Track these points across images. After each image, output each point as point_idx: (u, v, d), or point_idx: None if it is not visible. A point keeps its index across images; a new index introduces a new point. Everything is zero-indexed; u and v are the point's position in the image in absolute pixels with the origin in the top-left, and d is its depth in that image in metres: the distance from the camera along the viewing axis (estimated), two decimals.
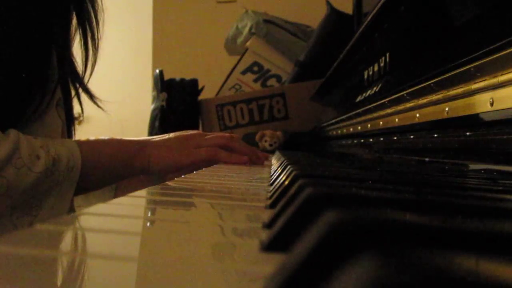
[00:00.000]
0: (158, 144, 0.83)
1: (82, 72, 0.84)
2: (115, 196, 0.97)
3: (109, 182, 0.83)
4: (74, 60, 0.84)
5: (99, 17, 0.85)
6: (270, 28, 2.10)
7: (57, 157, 0.68)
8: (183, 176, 0.63)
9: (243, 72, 2.13)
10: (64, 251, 0.21)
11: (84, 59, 0.84)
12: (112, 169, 0.78)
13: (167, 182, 0.55)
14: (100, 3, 0.85)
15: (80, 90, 0.86)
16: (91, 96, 0.88)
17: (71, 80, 0.83)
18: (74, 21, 0.82)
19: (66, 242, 0.24)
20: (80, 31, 0.82)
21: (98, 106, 0.90)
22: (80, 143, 0.74)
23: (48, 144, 0.68)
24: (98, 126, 2.25)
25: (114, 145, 0.79)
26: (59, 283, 0.17)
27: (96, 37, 0.84)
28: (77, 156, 0.71)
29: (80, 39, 0.82)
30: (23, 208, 0.66)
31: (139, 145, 0.81)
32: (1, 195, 0.63)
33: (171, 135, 0.87)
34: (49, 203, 0.68)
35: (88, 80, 0.86)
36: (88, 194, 0.91)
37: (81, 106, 0.86)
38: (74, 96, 0.85)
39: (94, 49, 0.84)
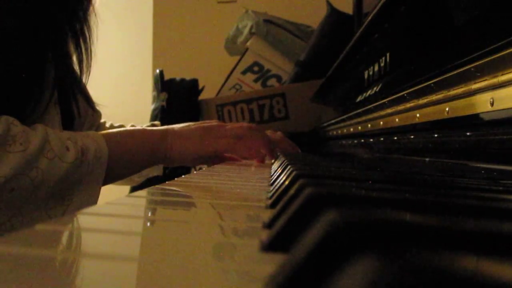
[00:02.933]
0: (179, 134, 0.85)
1: (78, 75, 0.86)
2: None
3: (133, 171, 0.85)
4: (72, 62, 0.85)
5: (90, 21, 0.86)
6: (270, 28, 2.10)
7: (85, 148, 0.71)
8: (183, 176, 0.63)
9: (243, 72, 2.13)
10: (64, 251, 0.21)
11: (78, 62, 0.85)
12: (136, 158, 0.80)
13: (167, 182, 0.55)
14: (92, 8, 0.87)
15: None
16: (87, 100, 0.90)
17: (70, 83, 0.84)
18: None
19: (66, 242, 0.24)
20: (71, 35, 0.83)
21: (93, 109, 0.92)
22: (105, 135, 0.76)
23: (75, 136, 0.71)
24: None
25: (138, 135, 0.82)
26: (59, 283, 0.17)
27: (88, 41, 0.85)
28: (103, 146, 0.74)
29: (72, 43, 0.84)
30: (57, 199, 0.69)
31: (161, 134, 0.83)
32: (37, 186, 0.65)
33: (192, 125, 0.89)
34: (80, 192, 0.71)
35: (86, 82, 0.88)
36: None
37: (78, 108, 0.87)
38: (72, 99, 0.85)
39: (87, 53, 0.85)
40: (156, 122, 1.01)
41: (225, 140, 0.87)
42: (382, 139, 0.77)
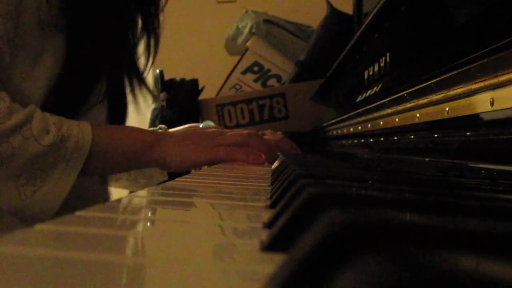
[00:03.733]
0: (175, 140, 0.84)
1: (142, 71, 0.92)
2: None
3: (120, 169, 0.85)
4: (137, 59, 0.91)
5: (160, 20, 0.94)
6: (270, 28, 2.10)
7: (67, 135, 0.72)
8: (183, 176, 0.63)
9: (243, 72, 2.13)
10: (64, 251, 0.21)
11: (145, 61, 0.92)
12: (124, 156, 0.80)
13: (167, 182, 0.55)
14: (161, 6, 0.93)
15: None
16: (148, 89, 0.95)
17: (128, 77, 0.90)
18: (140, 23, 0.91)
19: (66, 242, 0.24)
20: (145, 36, 0.90)
21: (155, 99, 0.99)
22: (95, 127, 0.77)
23: (62, 122, 0.73)
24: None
25: (129, 133, 0.82)
26: (59, 283, 0.17)
27: (158, 40, 0.93)
28: (87, 138, 0.74)
29: (145, 42, 0.91)
30: (29, 176, 0.71)
31: (156, 137, 0.83)
32: (6, 160, 0.68)
33: (190, 130, 0.88)
34: (54, 177, 0.72)
35: (147, 74, 0.94)
36: (137, 176, 0.97)
37: (126, 103, 0.93)
38: (129, 92, 0.92)
39: (154, 52, 0.93)
40: (163, 126, 1.02)
41: (224, 148, 0.85)
42: (382, 139, 0.77)
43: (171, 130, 0.91)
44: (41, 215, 0.72)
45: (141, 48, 0.95)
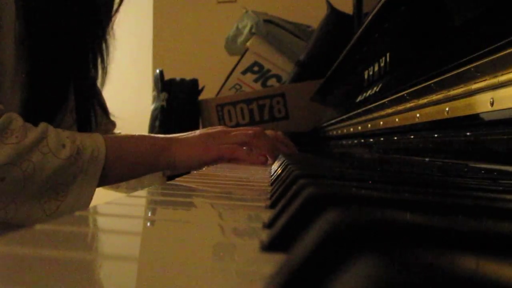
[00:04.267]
0: (184, 142, 0.88)
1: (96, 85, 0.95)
2: (164, 175, 1.07)
3: (134, 175, 0.88)
4: (91, 74, 0.93)
5: (109, 44, 0.95)
6: (270, 28, 2.10)
7: (82, 147, 0.74)
8: (183, 176, 0.63)
9: (244, 72, 2.13)
10: (64, 251, 0.21)
11: (94, 74, 0.94)
12: (137, 163, 0.83)
13: (168, 182, 0.55)
14: (110, 28, 0.94)
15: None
16: (103, 109, 0.98)
17: (88, 93, 0.92)
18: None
19: (66, 242, 0.24)
20: (91, 56, 0.92)
21: (108, 118, 1.00)
22: (106, 137, 0.80)
23: (75, 135, 0.75)
24: None
25: (140, 141, 0.84)
26: (59, 283, 0.17)
27: (105, 62, 0.94)
28: (101, 148, 0.77)
29: (90, 62, 0.92)
30: (51, 192, 0.72)
31: (166, 143, 0.86)
32: (29, 177, 0.69)
33: (197, 132, 0.92)
34: (74, 189, 0.74)
35: (102, 89, 0.97)
36: (137, 185, 1.02)
37: (96, 117, 0.95)
38: (90, 109, 0.93)
39: (103, 73, 0.94)
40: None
41: (229, 146, 0.89)
42: (382, 139, 0.77)
43: (178, 134, 0.93)
44: None
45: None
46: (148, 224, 0.31)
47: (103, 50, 0.93)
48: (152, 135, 0.90)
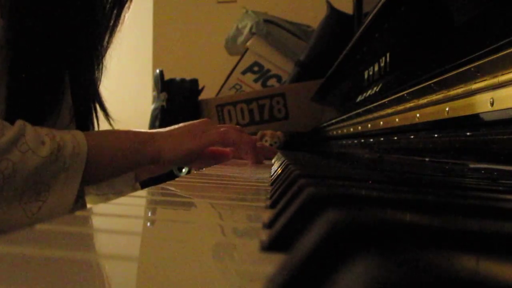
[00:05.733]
0: (167, 134, 0.85)
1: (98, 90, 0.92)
2: (136, 180, 1.00)
3: (118, 172, 0.84)
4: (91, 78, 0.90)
5: (106, 51, 0.92)
6: (270, 28, 2.10)
7: (62, 143, 0.71)
8: (183, 176, 0.63)
9: (244, 72, 2.13)
10: (64, 251, 0.21)
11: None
12: (120, 158, 0.79)
13: (168, 182, 0.55)
14: (110, 36, 0.91)
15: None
16: (105, 113, 0.94)
17: (87, 98, 0.89)
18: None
19: (66, 242, 0.24)
20: (89, 55, 0.88)
21: (110, 124, 0.97)
22: (86, 132, 0.76)
23: (53, 132, 0.71)
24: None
25: (121, 135, 0.81)
26: (59, 283, 0.17)
27: (100, 67, 0.91)
28: (82, 144, 0.73)
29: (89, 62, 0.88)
30: (31, 193, 0.69)
31: (148, 136, 0.83)
32: (8, 177, 0.66)
33: (181, 124, 0.88)
34: (56, 188, 0.70)
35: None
36: (108, 191, 0.95)
37: (97, 121, 0.91)
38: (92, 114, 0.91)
39: (99, 71, 0.91)
40: None
41: (216, 130, 0.87)
42: (382, 139, 0.77)
43: (162, 129, 0.90)
44: None
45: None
46: (148, 224, 0.31)
47: (100, 49, 0.89)
48: (135, 129, 0.86)
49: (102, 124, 0.97)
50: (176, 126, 0.88)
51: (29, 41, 0.74)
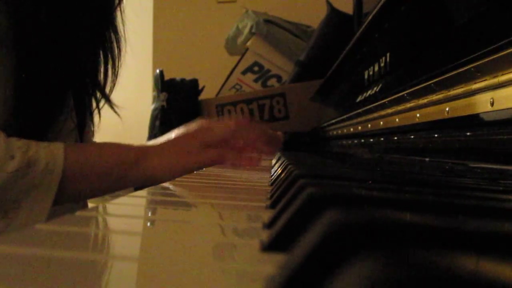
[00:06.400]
0: (159, 150, 0.77)
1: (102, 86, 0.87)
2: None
3: (100, 191, 0.76)
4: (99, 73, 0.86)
5: (121, 45, 0.88)
6: (270, 28, 2.10)
7: (34, 159, 0.64)
8: (184, 176, 0.63)
9: (244, 72, 2.13)
10: (64, 251, 0.21)
11: (103, 82, 0.86)
12: (103, 177, 0.72)
13: (168, 182, 0.55)
14: (122, 32, 0.89)
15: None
16: (111, 106, 0.90)
17: (92, 91, 0.85)
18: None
19: (66, 242, 0.24)
20: (102, 57, 0.84)
21: (118, 115, 0.91)
22: (69, 147, 0.70)
23: (30, 145, 0.66)
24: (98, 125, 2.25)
25: (108, 151, 0.74)
26: (59, 283, 0.17)
27: (116, 65, 0.87)
28: (59, 160, 0.66)
29: (101, 64, 0.84)
30: None
31: (140, 153, 0.75)
32: None
33: (172, 135, 0.81)
34: (26, 206, 0.65)
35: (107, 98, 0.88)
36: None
37: (99, 115, 0.88)
38: (95, 108, 0.87)
39: (113, 75, 0.87)
40: None
41: (213, 150, 0.79)
42: (382, 139, 0.77)
43: (155, 141, 0.82)
44: None
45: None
46: (148, 224, 0.31)
47: (107, 52, 0.84)
48: (126, 144, 0.77)
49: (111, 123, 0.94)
50: (171, 137, 0.80)
51: (36, 41, 0.70)
